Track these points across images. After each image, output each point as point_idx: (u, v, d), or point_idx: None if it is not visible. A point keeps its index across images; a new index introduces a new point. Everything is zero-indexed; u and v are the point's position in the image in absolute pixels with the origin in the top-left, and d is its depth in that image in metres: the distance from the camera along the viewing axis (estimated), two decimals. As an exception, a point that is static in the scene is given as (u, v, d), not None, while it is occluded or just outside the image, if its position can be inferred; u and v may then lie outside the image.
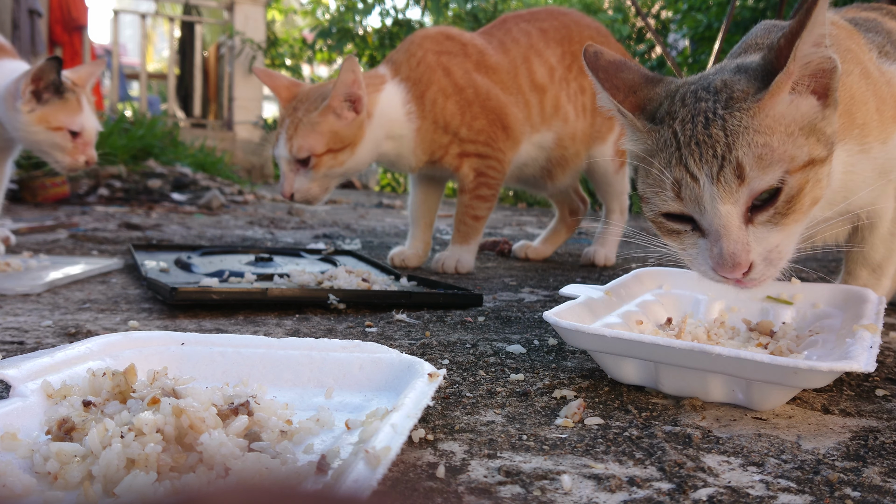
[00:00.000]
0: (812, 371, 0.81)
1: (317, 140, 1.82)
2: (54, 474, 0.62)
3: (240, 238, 2.91)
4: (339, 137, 1.84)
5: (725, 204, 0.88)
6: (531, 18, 2.23)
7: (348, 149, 1.87)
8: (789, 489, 0.66)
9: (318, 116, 1.82)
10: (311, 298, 1.45)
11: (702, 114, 0.91)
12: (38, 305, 1.42)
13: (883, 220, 1.26)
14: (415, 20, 9.51)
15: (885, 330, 1.35)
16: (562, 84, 2.15)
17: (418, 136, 1.99)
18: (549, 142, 2.16)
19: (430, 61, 2.00)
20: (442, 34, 2.09)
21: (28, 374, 0.76)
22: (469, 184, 2.04)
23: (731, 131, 0.88)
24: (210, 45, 9.44)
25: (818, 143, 0.91)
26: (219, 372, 0.89)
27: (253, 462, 0.63)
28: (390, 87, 1.97)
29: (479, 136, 2.01)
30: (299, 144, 1.82)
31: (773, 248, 0.90)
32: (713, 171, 0.88)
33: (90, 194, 4.46)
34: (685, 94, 0.97)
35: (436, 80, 1.98)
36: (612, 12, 8.56)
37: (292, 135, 1.83)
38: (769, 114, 0.89)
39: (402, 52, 2.05)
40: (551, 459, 0.72)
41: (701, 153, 0.89)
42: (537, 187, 2.38)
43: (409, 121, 1.97)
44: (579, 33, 2.23)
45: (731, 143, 0.88)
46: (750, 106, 0.89)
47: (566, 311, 1.02)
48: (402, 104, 1.96)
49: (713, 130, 0.89)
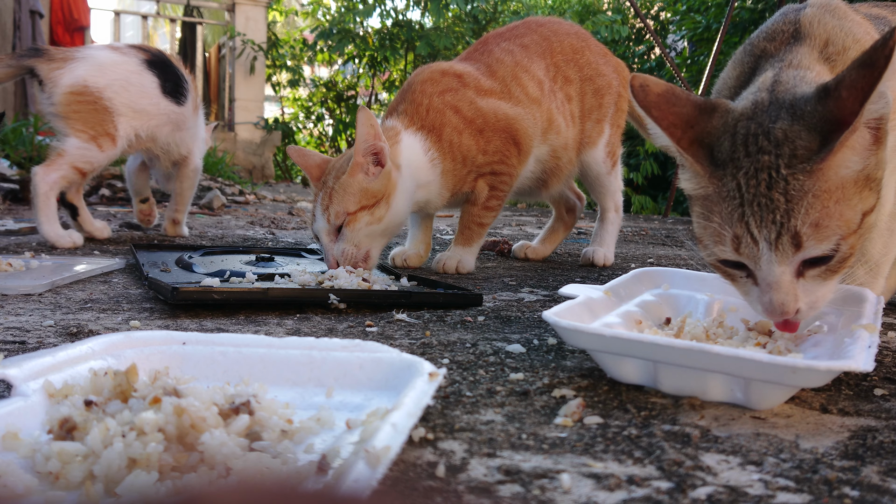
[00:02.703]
0: (810, 370, 0.81)
1: (350, 200, 1.77)
2: (56, 474, 0.62)
3: (241, 238, 2.91)
4: (371, 193, 1.78)
5: (781, 266, 0.93)
6: (511, 36, 2.22)
7: (383, 202, 1.80)
8: (788, 488, 0.67)
9: (347, 178, 1.78)
10: (311, 298, 1.45)
11: (765, 170, 0.93)
12: (39, 305, 1.43)
13: (882, 212, 1.26)
14: (415, 21, 9.51)
15: (883, 329, 1.35)
16: (551, 96, 2.16)
17: (443, 178, 1.98)
18: (544, 154, 2.17)
19: (436, 105, 1.99)
20: (437, 72, 2.07)
21: (30, 373, 0.77)
22: (482, 199, 2.05)
23: (792, 196, 0.91)
24: (211, 46, 9.44)
25: (871, 192, 0.93)
26: (220, 371, 0.89)
27: (254, 461, 0.64)
28: (407, 137, 1.94)
29: (494, 156, 2.02)
30: (336, 210, 1.77)
31: (819, 297, 0.96)
32: (772, 236, 0.92)
33: (92, 194, 4.46)
34: (746, 136, 0.96)
35: (447, 122, 1.97)
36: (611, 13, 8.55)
37: (328, 204, 1.77)
38: (829, 176, 0.91)
39: (406, 103, 2.02)
40: (551, 458, 0.72)
41: (762, 217, 0.93)
42: (532, 195, 2.40)
43: (433, 166, 1.95)
44: (559, 43, 2.24)
45: (791, 209, 0.91)
46: (812, 168, 0.91)
47: (565, 310, 1.02)
48: (423, 152, 1.94)
49: (775, 194, 0.92)
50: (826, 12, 1.21)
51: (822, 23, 1.17)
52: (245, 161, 8.50)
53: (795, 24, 1.19)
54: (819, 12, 1.20)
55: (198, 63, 8.72)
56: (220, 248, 2.13)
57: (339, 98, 10.36)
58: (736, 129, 0.98)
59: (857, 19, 1.23)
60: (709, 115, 1.01)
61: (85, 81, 2.27)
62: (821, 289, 0.95)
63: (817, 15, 1.19)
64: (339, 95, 10.36)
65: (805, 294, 0.95)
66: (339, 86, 10.43)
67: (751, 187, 0.93)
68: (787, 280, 0.94)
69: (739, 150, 0.96)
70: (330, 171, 1.85)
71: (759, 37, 1.24)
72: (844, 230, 0.91)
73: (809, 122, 0.93)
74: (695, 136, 1.00)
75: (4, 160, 4.64)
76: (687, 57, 6.98)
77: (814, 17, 1.19)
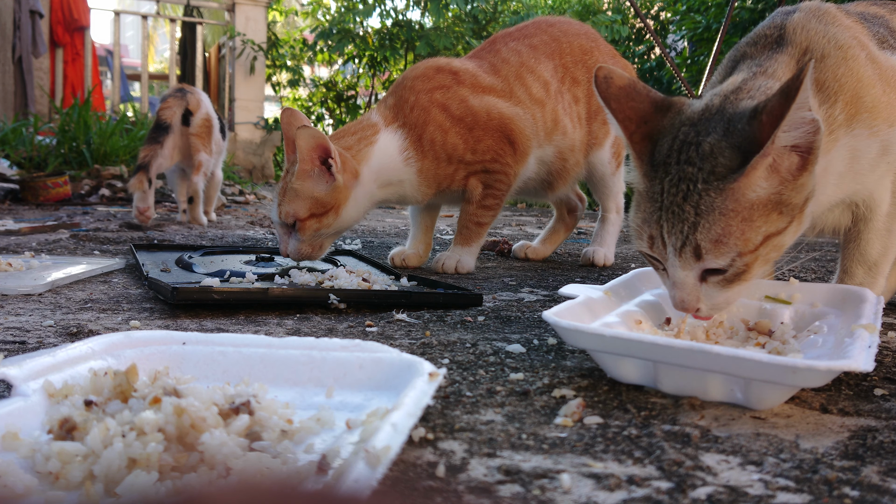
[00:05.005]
0: (810, 370, 0.81)
1: (300, 205, 1.78)
2: (56, 474, 0.62)
3: (241, 238, 2.91)
4: (320, 202, 1.79)
5: (683, 270, 0.99)
6: (519, 36, 2.22)
7: (331, 212, 1.81)
8: (788, 488, 0.67)
9: (298, 181, 1.78)
10: (311, 298, 1.45)
11: (686, 181, 0.98)
12: (39, 305, 1.43)
13: (878, 212, 1.27)
14: (415, 21, 9.51)
15: (883, 329, 1.35)
16: (557, 97, 2.15)
17: (420, 176, 1.98)
18: (550, 156, 2.16)
19: (422, 103, 1.98)
20: (431, 68, 2.07)
21: (30, 373, 0.77)
22: (476, 196, 2.05)
23: (701, 211, 0.96)
24: (211, 46, 9.44)
25: (780, 217, 0.97)
26: (220, 371, 0.89)
27: (254, 461, 0.64)
28: (385, 136, 1.94)
29: (485, 154, 2.01)
30: (286, 210, 1.79)
31: (721, 301, 1.01)
32: (677, 245, 0.98)
33: (92, 194, 4.46)
34: (682, 143, 1.00)
35: (431, 120, 1.97)
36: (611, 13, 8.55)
37: (281, 200, 1.80)
38: (738, 197, 0.95)
39: (394, 97, 2.03)
40: (551, 458, 0.72)
41: (673, 224, 0.99)
42: (537, 196, 2.40)
43: (407, 165, 1.95)
44: (569, 43, 2.24)
45: (697, 223, 0.96)
46: (724, 187, 0.95)
47: (565, 310, 1.03)
48: (398, 152, 1.94)
49: (687, 206, 0.97)
50: (813, 17, 1.21)
51: (805, 29, 1.18)
52: (245, 161, 8.50)
53: (781, 29, 1.20)
54: (805, 18, 1.21)
55: (198, 63, 8.71)
56: (220, 248, 2.13)
57: (339, 98, 10.36)
58: (678, 133, 1.02)
59: (847, 23, 1.23)
60: (663, 113, 1.05)
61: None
62: (722, 294, 1.00)
63: (802, 21, 1.20)
64: (339, 95, 10.36)
65: (707, 297, 1.00)
66: (339, 86, 10.43)
67: (670, 195, 0.99)
68: (690, 283, 0.99)
69: (673, 155, 1.01)
70: (295, 160, 1.82)
71: (745, 40, 1.25)
72: (742, 248, 0.96)
73: (736, 141, 0.97)
74: (647, 132, 1.05)
75: (4, 160, 4.64)
76: (687, 57, 6.98)
77: (799, 23, 1.19)
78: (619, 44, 8.22)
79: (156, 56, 16.10)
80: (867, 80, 1.17)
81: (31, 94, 7.19)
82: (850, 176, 1.20)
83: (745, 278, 0.99)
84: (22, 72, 7.10)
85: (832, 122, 1.13)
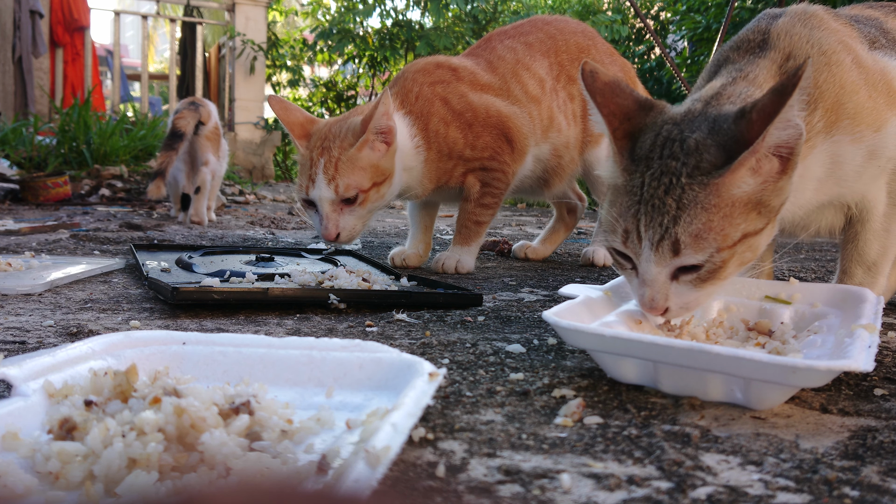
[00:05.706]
0: (810, 370, 0.81)
1: (362, 176, 1.81)
2: (56, 474, 0.62)
3: (241, 238, 2.91)
4: (380, 170, 1.84)
5: (657, 266, 0.99)
6: (515, 33, 2.22)
7: (387, 181, 1.86)
8: (788, 488, 0.67)
9: (357, 152, 1.80)
10: (311, 298, 1.45)
11: (669, 175, 0.97)
12: (39, 305, 1.43)
13: (874, 213, 1.27)
14: (415, 21, 9.51)
15: (883, 329, 1.35)
16: (553, 94, 2.15)
17: (426, 167, 1.99)
18: (545, 153, 2.17)
19: (426, 94, 2.00)
20: (431, 64, 2.08)
21: (29, 373, 0.77)
22: (474, 194, 2.05)
23: (683, 205, 0.96)
24: (211, 46, 9.44)
25: (759, 217, 0.98)
26: (220, 371, 0.89)
27: (254, 462, 0.64)
28: (398, 119, 1.95)
29: (483, 152, 2.02)
30: (346, 183, 1.79)
31: (691, 301, 1.01)
32: (654, 238, 0.97)
33: (92, 194, 4.46)
34: (666, 139, 1.00)
35: (435, 111, 1.98)
36: (610, 13, 8.55)
37: (334, 174, 1.79)
38: (722, 192, 0.95)
39: (397, 87, 2.04)
40: (551, 458, 0.72)
41: (652, 218, 0.98)
42: (534, 194, 2.40)
43: (417, 153, 1.97)
44: (565, 41, 2.24)
45: (678, 217, 0.96)
46: (708, 182, 0.95)
47: (565, 310, 1.03)
48: (410, 137, 1.96)
49: (668, 200, 0.96)
50: (798, 22, 1.21)
51: (789, 34, 1.18)
52: (245, 161, 8.50)
53: (765, 33, 1.20)
54: (790, 22, 1.21)
55: (198, 63, 8.71)
56: (220, 248, 2.13)
57: (339, 98, 10.36)
58: (661, 130, 1.02)
59: (834, 27, 1.23)
60: (646, 112, 1.06)
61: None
62: (692, 293, 1.00)
63: (787, 26, 1.20)
64: (339, 95, 10.36)
65: (677, 296, 1.00)
66: (339, 86, 10.43)
67: (651, 188, 0.98)
68: (661, 280, 0.99)
69: (656, 150, 1.00)
70: (331, 136, 1.84)
71: (729, 44, 1.25)
72: (720, 244, 0.96)
73: (721, 139, 0.97)
74: (629, 129, 1.05)
75: (4, 160, 4.64)
76: (687, 57, 6.98)
77: (783, 27, 1.19)
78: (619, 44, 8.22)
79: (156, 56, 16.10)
80: (850, 86, 1.16)
81: (31, 94, 7.19)
82: (832, 181, 1.20)
83: (719, 276, 0.99)
84: (22, 72, 7.10)
85: (810, 129, 1.13)
